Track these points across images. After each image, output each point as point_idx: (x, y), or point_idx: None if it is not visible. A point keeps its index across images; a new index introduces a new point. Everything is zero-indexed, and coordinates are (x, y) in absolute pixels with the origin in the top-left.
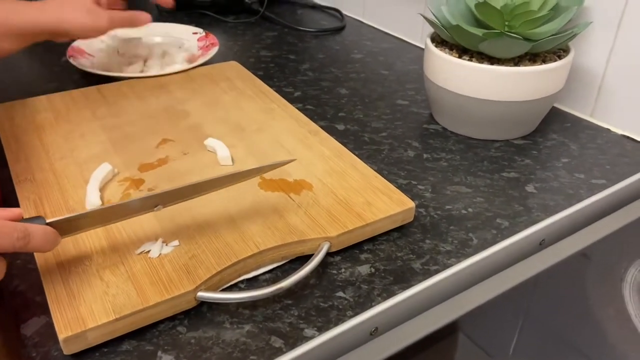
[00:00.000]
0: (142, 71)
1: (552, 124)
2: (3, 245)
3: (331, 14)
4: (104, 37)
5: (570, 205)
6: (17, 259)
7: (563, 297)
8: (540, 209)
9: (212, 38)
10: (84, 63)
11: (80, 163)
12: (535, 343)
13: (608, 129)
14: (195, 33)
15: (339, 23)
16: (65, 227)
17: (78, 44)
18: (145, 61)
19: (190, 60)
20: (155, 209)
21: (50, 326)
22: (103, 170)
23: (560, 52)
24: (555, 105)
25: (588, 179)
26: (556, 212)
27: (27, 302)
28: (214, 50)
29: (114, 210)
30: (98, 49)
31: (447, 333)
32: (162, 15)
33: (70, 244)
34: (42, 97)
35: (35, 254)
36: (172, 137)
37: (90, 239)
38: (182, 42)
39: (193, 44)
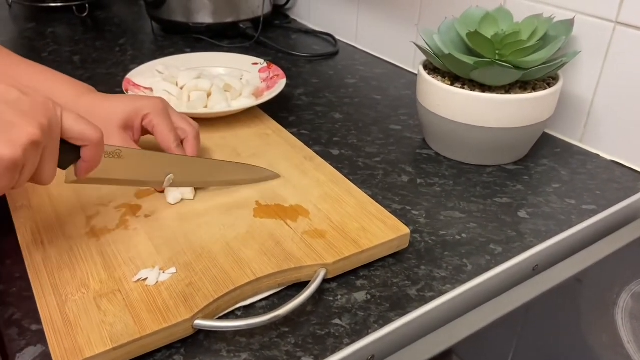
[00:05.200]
0: (206, 107)
1: (543, 149)
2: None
3: (325, 39)
4: (159, 68)
5: (562, 231)
6: (12, 287)
7: (556, 322)
8: (532, 234)
9: (276, 69)
10: None
11: (77, 188)
12: None
13: (597, 155)
14: (256, 64)
15: (333, 48)
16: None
17: (131, 76)
18: (208, 95)
19: (256, 95)
20: (167, 177)
21: (46, 355)
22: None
23: (550, 80)
24: (546, 130)
25: (579, 204)
26: (548, 237)
27: (23, 330)
28: (282, 83)
29: (134, 157)
30: (153, 81)
31: (441, 356)
32: (157, 40)
33: (67, 271)
34: None
35: (31, 280)
36: None
37: (87, 266)
38: (242, 73)
39: (254, 75)
